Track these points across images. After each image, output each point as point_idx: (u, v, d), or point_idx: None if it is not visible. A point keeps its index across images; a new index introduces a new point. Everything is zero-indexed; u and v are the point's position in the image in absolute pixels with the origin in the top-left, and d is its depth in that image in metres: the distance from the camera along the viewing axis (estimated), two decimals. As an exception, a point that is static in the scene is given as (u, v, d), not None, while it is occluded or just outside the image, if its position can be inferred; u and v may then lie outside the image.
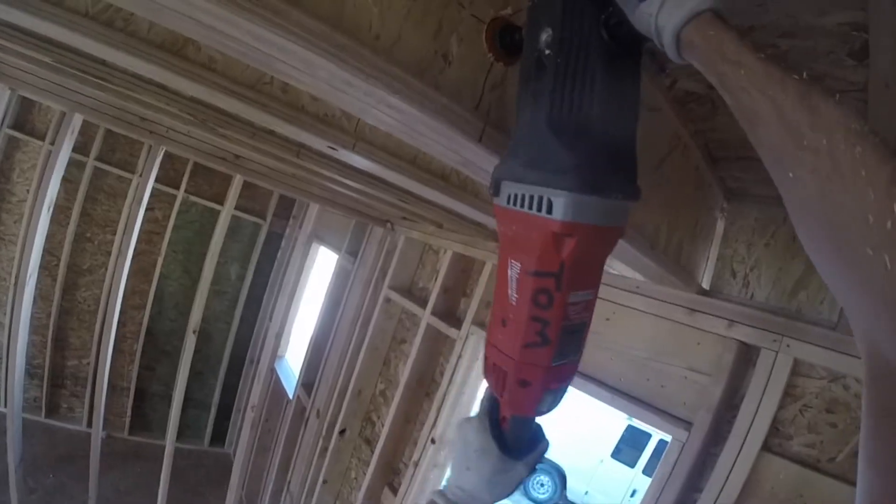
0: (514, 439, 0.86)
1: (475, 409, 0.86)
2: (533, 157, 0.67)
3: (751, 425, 1.49)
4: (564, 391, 0.80)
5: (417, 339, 2.94)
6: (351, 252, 4.17)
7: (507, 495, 0.87)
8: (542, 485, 7.70)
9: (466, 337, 2.64)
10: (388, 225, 3.51)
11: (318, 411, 3.78)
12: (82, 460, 3.58)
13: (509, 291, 0.72)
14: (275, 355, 4.24)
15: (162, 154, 3.15)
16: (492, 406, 0.88)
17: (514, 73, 0.79)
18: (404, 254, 3.39)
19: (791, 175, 0.47)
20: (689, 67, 0.56)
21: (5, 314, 3.46)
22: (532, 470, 0.89)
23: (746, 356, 1.57)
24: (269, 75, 1.17)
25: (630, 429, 7.90)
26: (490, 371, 0.81)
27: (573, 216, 0.63)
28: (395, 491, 2.94)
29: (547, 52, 0.66)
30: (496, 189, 0.73)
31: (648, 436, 7.62)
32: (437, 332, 2.88)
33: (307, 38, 0.57)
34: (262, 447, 4.92)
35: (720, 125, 1.29)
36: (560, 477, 7.63)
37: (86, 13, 1.00)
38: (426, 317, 2.91)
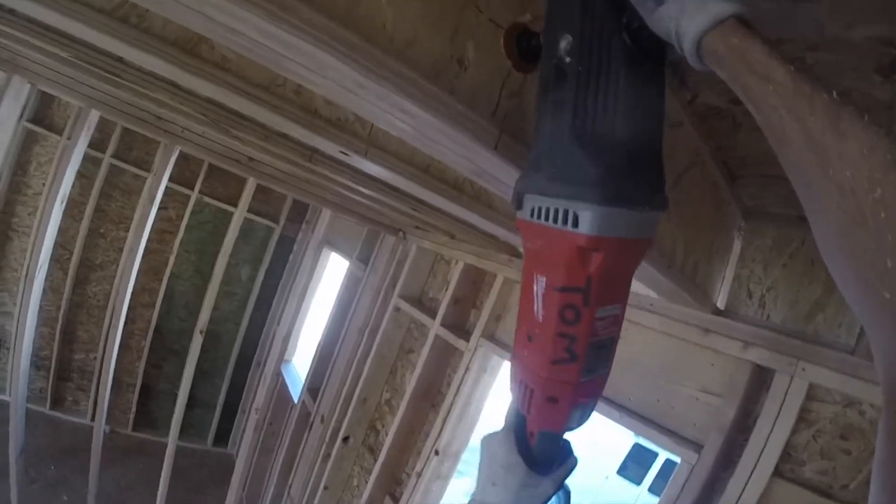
0: (541, 455, 0.84)
1: (500, 423, 0.84)
2: (557, 169, 0.65)
3: (763, 449, 1.46)
4: (593, 406, 0.78)
5: (425, 350, 2.91)
6: (362, 259, 4.16)
7: None
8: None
9: (475, 349, 2.61)
10: (401, 234, 3.50)
11: (322, 417, 3.76)
12: (85, 453, 3.58)
13: (535, 307, 0.70)
14: (281, 358, 4.23)
15: (176, 154, 3.16)
16: (518, 420, 0.85)
17: (532, 80, 0.76)
18: (415, 263, 3.38)
19: (817, 203, 0.46)
20: (711, 81, 0.53)
21: (15, 305, 3.48)
22: (559, 486, 0.87)
23: (760, 379, 1.53)
24: (282, 77, 1.16)
25: (637, 446, 7.82)
26: (516, 387, 0.79)
27: (600, 230, 0.61)
28: (396, 501, 2.91)
29: (567, 59, 0.63)
30: (519, 202, 0.71)
31: (655, 454, 7.53)
32: (446, 344, 2.85)
33: (316, 35, 0.55)
34: (265, 450, 4.90)
35: (741, 142, 1.25)
36: (565, 493, 7.52)
37: (101, 9, 0.99)
38: (435, 327, 2.88)
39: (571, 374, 0.70)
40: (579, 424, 0.79)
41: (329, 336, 4.36)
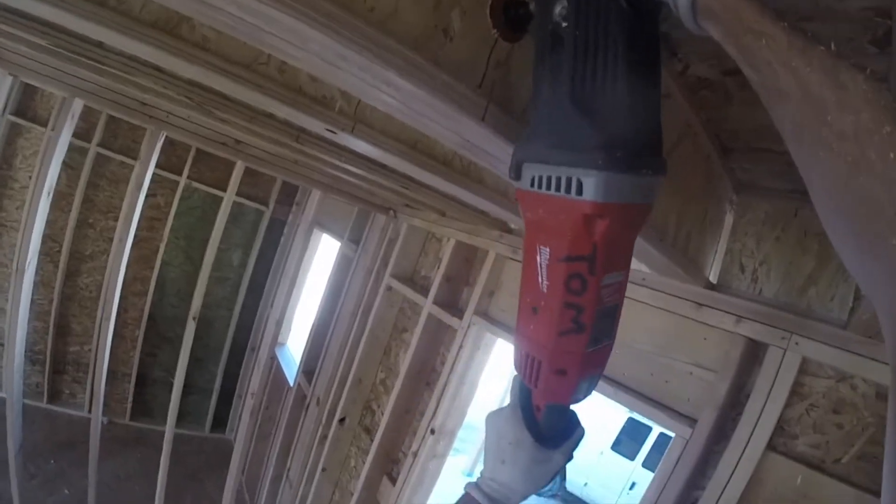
0: (549, 428, 0.84)
1: (498, 401, 0.81)
2: (557, 136, 0.64)
3: (756, 424, 1.46)
4: (599, 376, 0.78)
5: (419, 329, 2.91)
6: (353, 240, 4.15)
7: (545, 486, 0.85)
8: None
9: (468, 327, 2.61)
10: (391, 212, 3.48)
11: (318, 399, 3.77)
12: (83, 446, 3.57)
13: (539, 279, 0.69)
14: (275, 342, 4.22)
15: (162, 139, 3.11)
16: (523, 395, 0.84)
17: (519, 50, 0.75)
18: (407, 242, 3.36)
19: (815, 158, 0.44)
20: (703, 52, 0.52)
21: (7, 300, 3.45)
22: (569, 458, 0.87)
23: (754, 353, 1.53)
24: (265, 55, 1.13)
25: (631, 421, 7.90)
26: (522, 361, 0.77)
27: (605, 196, 0.60)
28: (393, 480, 2.92)
29: (563, 24, 0.62)
30: (517, 172, 0.70)
31: (649, 429, 7.60)
32: (439, 322, 2.85)
33: (295, 6, 0.53)
34: (262, 434, 4.93)
35: (733, 114, 1.24)
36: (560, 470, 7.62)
37: (76, -9, 0.96)
38: (428, 306, 2.88)
39: (579, 345, 0.69)
40: (586, 395, 0.79)
41: (322, 318, 4.36)
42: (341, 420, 3.39)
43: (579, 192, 0.61)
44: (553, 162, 0.64)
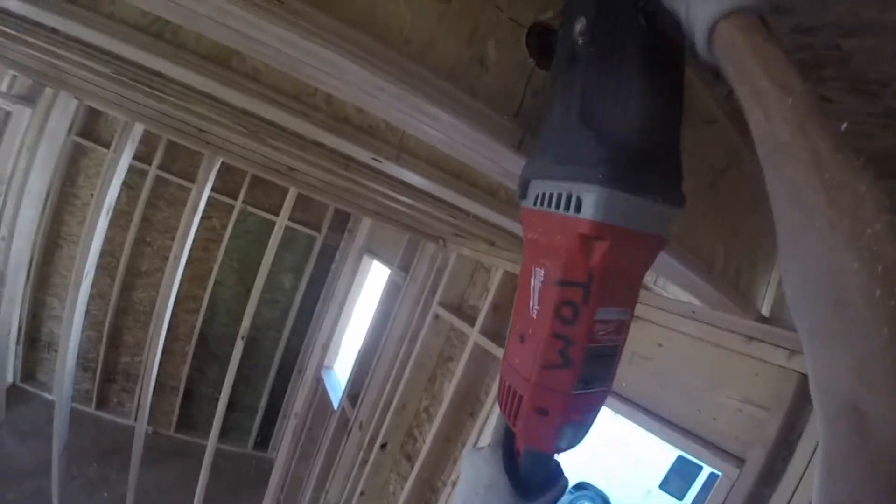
0: (529, 475, 0.76)
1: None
2: (562, 152, 0.61)
3: (808, 466, 1.39)
4: (588, 426, 0.70)
5: (464, 358, 2.90)
6: (402, 267, 4.19)
7: None
8: None
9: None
10: (441, 241, 3.50)
11: (361, 423, 3.78)
12: (127, 453, 3.69)
13: (530, 303, 0.64)
14: (321, 364, 4.27)
15: (218, 164, 3.24)
16: (506, 436, 0.78)
17: (558, 78, 0.75)
18: (455, 271, 3.38)
19: (807, 224, 0.44)
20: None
21: (63, 309, 3.64)
22: None
23: (806, 389, 1.45)
24: (312, 87, 1.18)
25: (680, 459, 7.55)
26: (503, 394, 0.71)
27: (604, 215, 0.56)
28: (431, 509, 2.89)
29: (580, 41, 0.61)
30: (524, 190, 0.67)
31: (699, 468, 7.25)
32: (485, 352, 2.84)
33: (331, 39, 0.55)
34: (303, 455, 4.95)
35: None
36: (600, 497, 7.30)
37: (136, 25, 1.03)
38: (474, 335, 2.87)
39: (564, 383, 0.63)
40: (570, 445, 0.71)
41: (369, 343, 4.39)
42: (383, 445, 3.39)
43: (578, 208, 0.58)
44: (556, 177, 0.61)
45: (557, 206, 0.60)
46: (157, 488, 4.65)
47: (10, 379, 5.45)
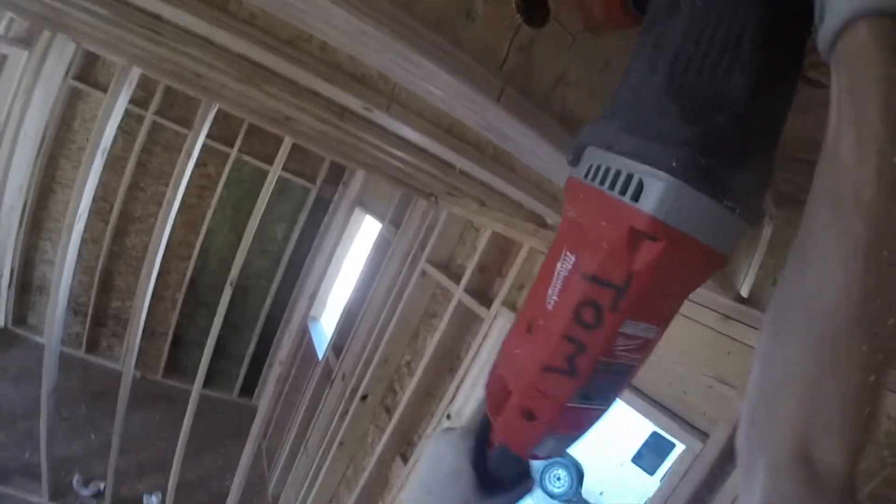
0: (497, 470, 0.68)
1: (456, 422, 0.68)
2: (636, 121, 0.49)
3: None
4: (573, 442, 0.61)
5: (447, 315, 2.95)
6: (393, 222, 4.21)
7: None
8: (558, 479, 7.56)
9: (495, 317, 2.62)
10: (433, 199, 3.51)
11: (343, 374, 3.86)
12: (115, 396, 3.73)
13: (549, 290, 0.54)
14: (308, 314, 4.32)
15: (215, 111, 3.21)
16: (482, 424, 0.70)
17: (543, 36, 0.75)
18: (445, 229, 3.40)
19: (823, 280, 0.39)
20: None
21: (56, 253, 3.64)
22: None
23: None
24: (307, 33, 1.17)
25: (654, 435, 7.74)
26: (493, 383, 0.63)
27: (666, 213, 0.44)
28: (405, 461, 2.97)
29: None
30: (577, 156, 0.55)
31: (672, 445, 7.44)
32: (468, 310, 2.89)
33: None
34: (287, 403, 5.06)
35: None
36: (578, 473, 7.50)
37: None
38: (459, 293, 2.91)
39: (562, 392, 0.54)
40: (548, 456, 0.63)
41: (357, 296, 4.45)
42: (364, 397, 3.47)
43: (637, 196, 0.45)
44: (621, 150, 0.49)
45: (612, 187, 0.48)
46: (144, 431, 4.75)
47: (1, 323, 5.51)
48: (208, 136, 3.35)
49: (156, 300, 4.46)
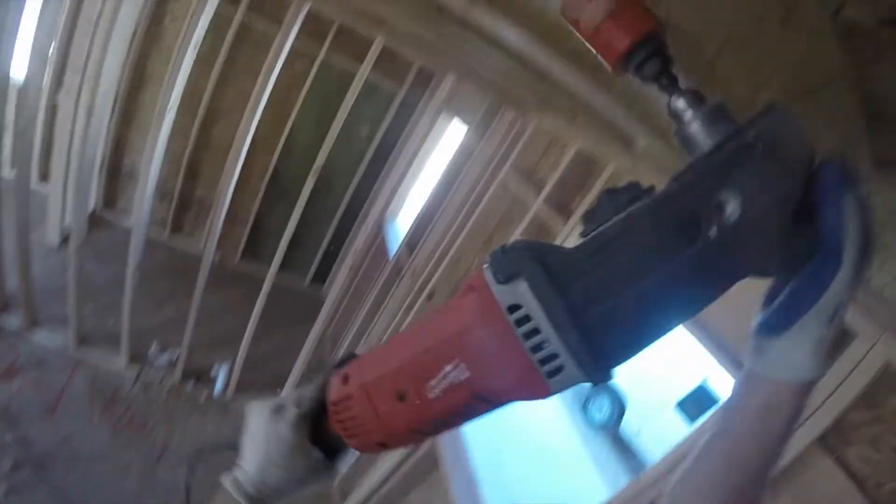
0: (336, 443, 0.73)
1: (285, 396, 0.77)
2: (586, 302, 0.48)
3: (815, 412, 1.40)
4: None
5: (523, 224, 3.00)
6: (479, 129, 4.21)
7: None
8: (601, 408, 7.58)
9: (569, 234, 2.67)
10: (521, 109, 3.48)
11: (413, 270, 3.99)
12: (194, 276, 4.00)
13: (433, 383, 0.55)
14: (384, 212, 4.44)
15: (306, 9, 3.20)
16: (316, 404, 0.75)
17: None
18: (531, 140, 3.38)
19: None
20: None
21: (146, 142, 3.83)
22: (335, 471, 0.78)
23: (840, 338, 1.42)
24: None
25: (702, 388, 7.64)
26: (350, 406, 0.65)
27: (555, 392, 0.51)
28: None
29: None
30: (507, 275, 0.50)
31: (716, 401, 7.36)
32: (543, 223, 2.95)
33: None
34: (355, 295, 5.26)
35: (884, 75, 1.02)
36: (619, 407, 7.54)
37: None
38: (537, 204, 2.96)
39: (413, 439, 0.63)
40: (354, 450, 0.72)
41: (435, 198, 4.57)
42: (430, 295, 3.58)
43: (550, 374, 0.49)
44: (556, 322, 0.48)
45: (534, 350, 0.49)
46: (218, 308, 5.08)
47: (91, 206, 5.87)
48: (298, 34, 3.37)
49: (239, 189, 4.66)
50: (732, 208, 0.48)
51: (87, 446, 3.98)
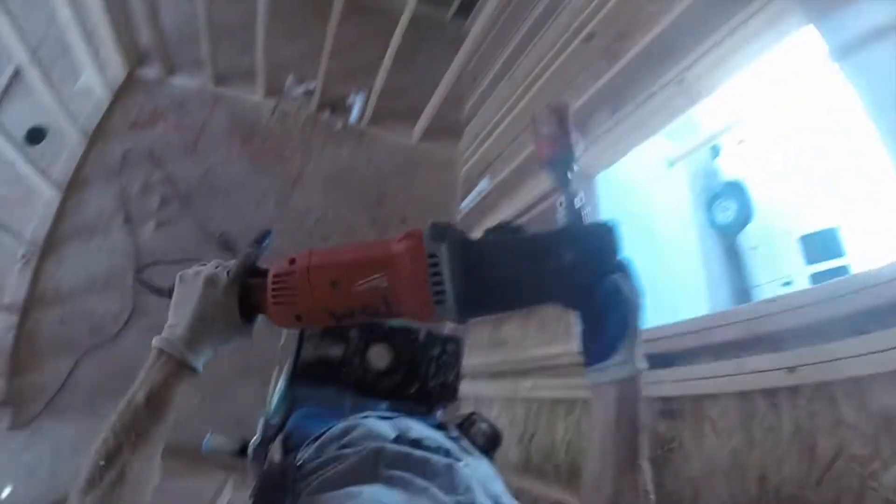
0: (251, 312, 0.90)
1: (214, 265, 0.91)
2: (473, 271, 0.78)
3: None
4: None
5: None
6: None
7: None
8: (725, 209, 6.87)
9: None
10: None
11: (572, 8, 3.48)
12: (330, 3, 3.85)
13: (361, 280, 0.79)
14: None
15: None
16: (241, 276, 0.89)
17: None
18: None
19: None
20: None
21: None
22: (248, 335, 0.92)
23: None
24: None
25: (831, 232, 6.63)
26: (290, 278, 0.83)
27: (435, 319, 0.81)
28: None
29: None
30: (438, 234, 0.79)
31: (841, 254, 6.46)
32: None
33: None
34: (499, 36, 4.78)
35: None
36: (745, 215, 6.77)
37: None
38: None
39: (328, 319, 0.84)
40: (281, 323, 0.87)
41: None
42: (589, 37, 3.15)
43: (437, 303, 0.78)
44: (453, 271, 0.78)
45: (435, 285, 0.78)
46: (355, 39, 4.75)
47: None
48: None
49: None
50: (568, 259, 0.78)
51: (227, 178, 4.27)
